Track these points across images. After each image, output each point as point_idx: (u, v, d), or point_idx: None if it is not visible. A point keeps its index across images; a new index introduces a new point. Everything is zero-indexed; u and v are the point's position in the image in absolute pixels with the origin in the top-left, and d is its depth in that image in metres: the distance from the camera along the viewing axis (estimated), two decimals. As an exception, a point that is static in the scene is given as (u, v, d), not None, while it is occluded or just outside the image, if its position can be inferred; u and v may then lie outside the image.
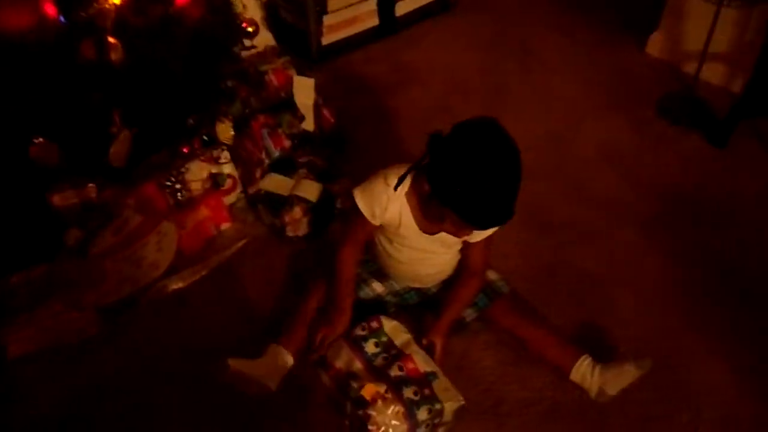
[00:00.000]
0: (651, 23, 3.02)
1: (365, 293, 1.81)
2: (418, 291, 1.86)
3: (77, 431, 1.67)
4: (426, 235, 1.63)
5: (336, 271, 1.73)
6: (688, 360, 1.81)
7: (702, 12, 2.63)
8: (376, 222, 1.64)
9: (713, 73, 2.79)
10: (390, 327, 1.70)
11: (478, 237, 1.65)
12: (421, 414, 1.52)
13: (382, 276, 1.84)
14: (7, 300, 1.88)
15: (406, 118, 2.62)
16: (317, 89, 2.36)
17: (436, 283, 1.84)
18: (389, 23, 3.10)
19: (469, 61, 2.99)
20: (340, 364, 1.63)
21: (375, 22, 3.05)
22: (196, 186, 2.10)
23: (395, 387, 1.55)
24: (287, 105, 2.30)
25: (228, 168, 2.16)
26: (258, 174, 2.19)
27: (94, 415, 1.69)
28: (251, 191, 2.20)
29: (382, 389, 1.53)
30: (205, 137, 2.12)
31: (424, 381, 1.58)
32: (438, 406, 1.54)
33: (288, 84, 2.32)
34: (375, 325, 1.70)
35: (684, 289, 2.00)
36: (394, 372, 1.59)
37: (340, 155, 2.36)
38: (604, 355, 1.73)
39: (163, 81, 1.83)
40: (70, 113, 1.79)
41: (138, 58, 1.71)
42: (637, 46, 3.07)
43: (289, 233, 2.09)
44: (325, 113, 2.38)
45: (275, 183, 2.18)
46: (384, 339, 1.68)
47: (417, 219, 1.61)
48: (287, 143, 2.25)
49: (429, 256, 1.71)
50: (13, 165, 1.80)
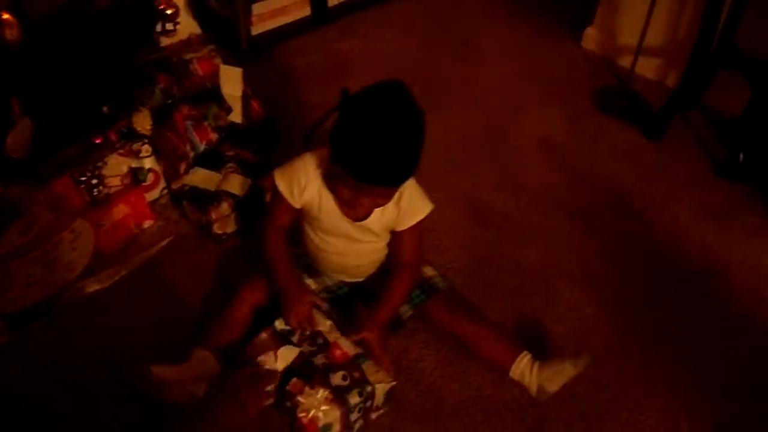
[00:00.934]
0: (588, 17, 3.03)
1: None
2: (350, 286, 1.79)
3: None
4: (349, 221, 1.59)
5: (269, 258, 1.67)
6: (627, 355, 1.80)
7: (636, 6, 2.66)
8: (295, 203, 1.60)
9: (648, 67, 2.83)
10: None
11: (404, 224, 1.60)
12: (353, 398, 1.48)
13: (314, 272, 1.77)
14: None
15: (340, 109, 2.56)
16: (246, 80, 2.25)
17: (367, 277, 1.78)
18: (321, 13, 3.02)
19: (406, 51, 2.95)
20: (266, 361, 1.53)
21: (307, 11, 2.97)
22: (114, 181, 1.98)
23: (322, 374, 1.50)
24: (214, 96, 2.17)
25: (149, 162, 2.04)
26: (182, 168, 2.08)
27: (-2, 432, 1.56)
28: (175, 187, 2.10)
29: (308, 381, 1.48)
30: (125, 129, 1.99)
31: (353, 364, 1.54)
32: (369, 388, 1.51)
33: (214, 74, 2.19)
34: None
35: (621, 283, 1.99)
36: (320, 360, 1.54)
37: (273, 149, 2.26)
38: (543, 351, 1.71)
39: (71, 64, 1.68)
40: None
41: (39, 38, 1.56)
42: (575, 39, 3.10)
43: (217, 230, 1.99)
44: (255, 105, 2.28)
45: (201, 178, 2.08)
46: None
47: (338, 202, 1.57)
48: (214, 136, 2.14)
49: (355, 245, 1.66)
50: None
